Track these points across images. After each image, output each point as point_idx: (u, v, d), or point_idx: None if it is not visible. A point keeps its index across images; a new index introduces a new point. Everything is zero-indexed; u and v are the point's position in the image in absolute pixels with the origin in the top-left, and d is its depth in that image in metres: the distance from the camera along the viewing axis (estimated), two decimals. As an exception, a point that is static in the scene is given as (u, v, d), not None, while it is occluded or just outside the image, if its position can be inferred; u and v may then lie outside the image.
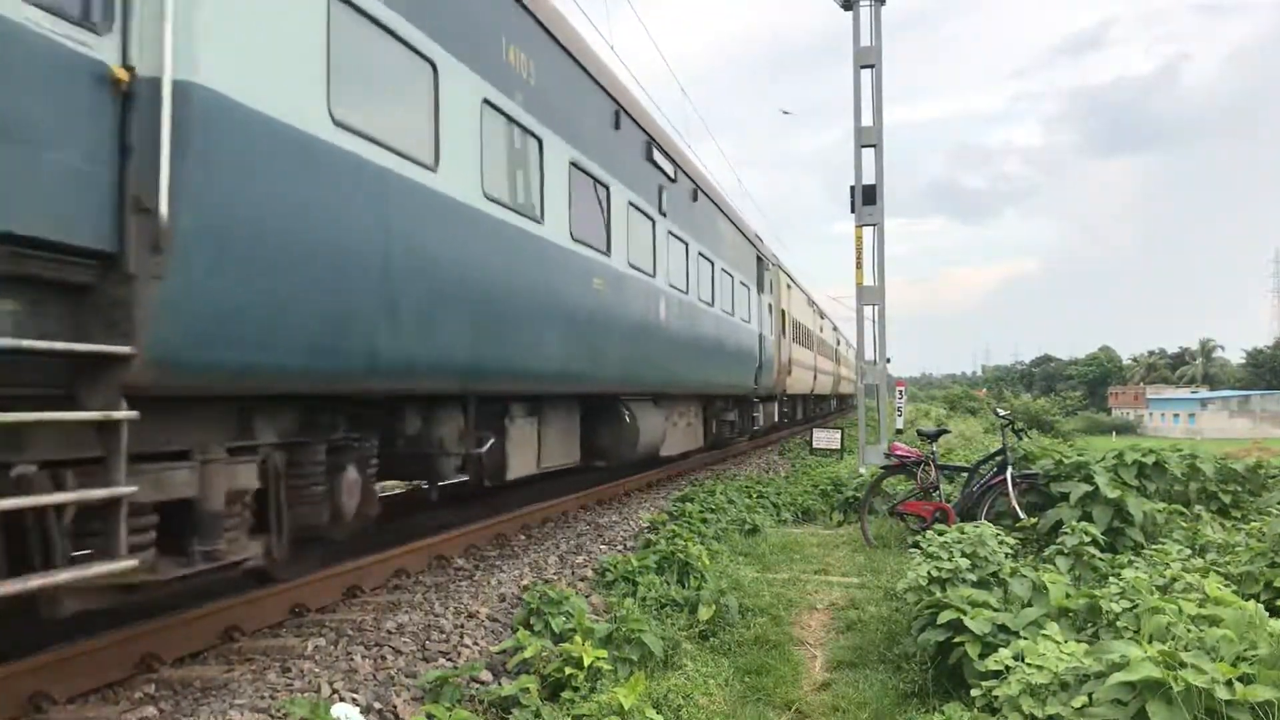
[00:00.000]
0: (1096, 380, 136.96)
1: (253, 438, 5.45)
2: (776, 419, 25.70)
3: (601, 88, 10.26)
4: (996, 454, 9.86)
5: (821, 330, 35.62)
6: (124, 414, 3.94)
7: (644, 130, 12.07)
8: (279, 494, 5.77)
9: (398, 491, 12.26)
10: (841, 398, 50.36)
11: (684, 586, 7.20)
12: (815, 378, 32.62)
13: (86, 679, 4.71)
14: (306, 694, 4.63)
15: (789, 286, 26.46)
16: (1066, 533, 7.13)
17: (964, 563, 6.07)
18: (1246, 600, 4.84)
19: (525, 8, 8.07)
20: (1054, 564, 6.74)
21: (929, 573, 6.00)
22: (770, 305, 22.21)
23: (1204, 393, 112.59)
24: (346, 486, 6.38)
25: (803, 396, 32.07)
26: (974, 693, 4.37)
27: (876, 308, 17.27)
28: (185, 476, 4.78)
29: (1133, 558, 6.83)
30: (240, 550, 5.30)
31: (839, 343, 45.97)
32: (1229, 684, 3.54)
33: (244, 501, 5.31)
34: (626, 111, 11.19)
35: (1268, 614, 4.48)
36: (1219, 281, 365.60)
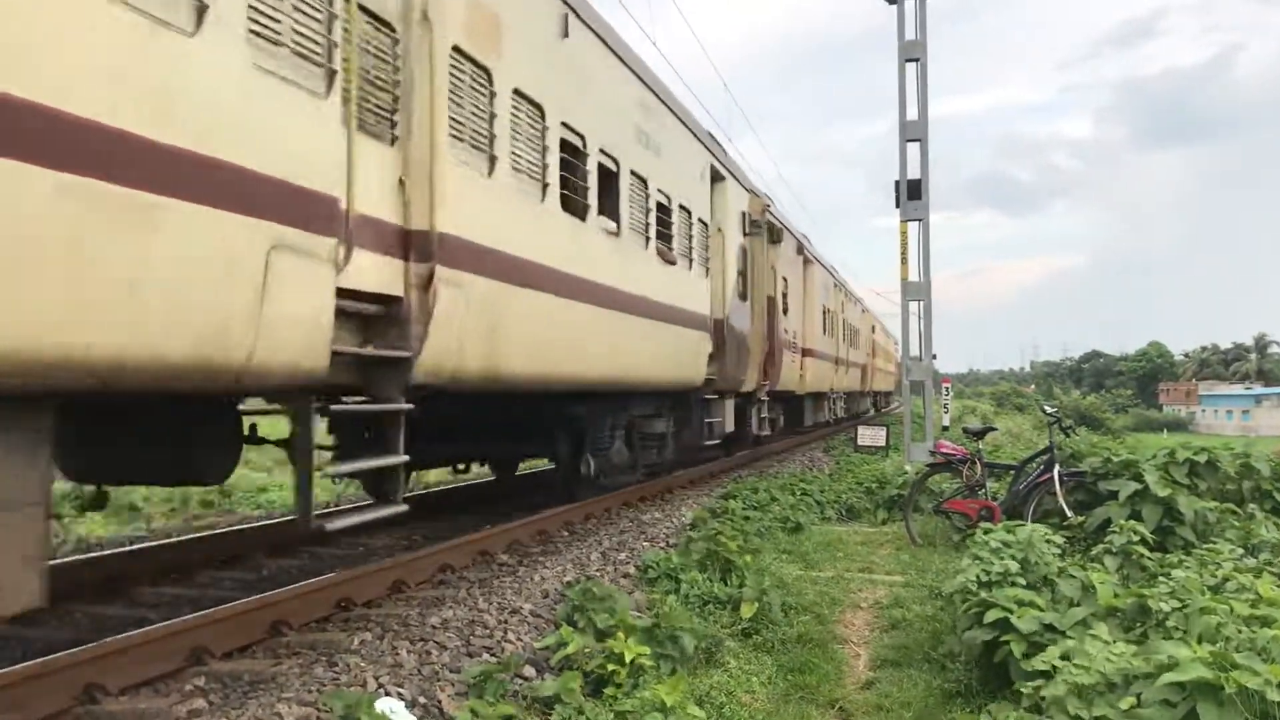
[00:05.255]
0: (1147, 376, 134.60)
1: None
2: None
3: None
4: (1043, 452, 9.73)
5: (887, 345, 52.31)
6: None
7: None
8: None
9: (443, 488, 12.34)
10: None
11: (726, 584, 7.19)
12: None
13: (138, 671, 4.78)
14: (352, 688, 4.69)
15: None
16: (1115, 531, 7.03)
17: (1014, 566, 5.97)
18: (1301, 601, 4.74)
19: None
20: (1102, 563, 6.64)
21: (977, 576, 5.91)
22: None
23: (1259, 388, 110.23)
24: None
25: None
26: (1021, 691, 4.32)
27: (922, 303, 17.09)
28: None
29: (1183, 557, 6.70)
30: None
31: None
32: (1282, 686, 3.47)
33: None
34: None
35: (1323, 615, 4.38)
36: (1274, 275, 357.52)
